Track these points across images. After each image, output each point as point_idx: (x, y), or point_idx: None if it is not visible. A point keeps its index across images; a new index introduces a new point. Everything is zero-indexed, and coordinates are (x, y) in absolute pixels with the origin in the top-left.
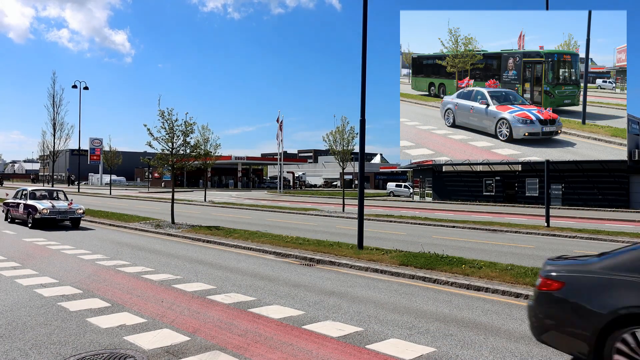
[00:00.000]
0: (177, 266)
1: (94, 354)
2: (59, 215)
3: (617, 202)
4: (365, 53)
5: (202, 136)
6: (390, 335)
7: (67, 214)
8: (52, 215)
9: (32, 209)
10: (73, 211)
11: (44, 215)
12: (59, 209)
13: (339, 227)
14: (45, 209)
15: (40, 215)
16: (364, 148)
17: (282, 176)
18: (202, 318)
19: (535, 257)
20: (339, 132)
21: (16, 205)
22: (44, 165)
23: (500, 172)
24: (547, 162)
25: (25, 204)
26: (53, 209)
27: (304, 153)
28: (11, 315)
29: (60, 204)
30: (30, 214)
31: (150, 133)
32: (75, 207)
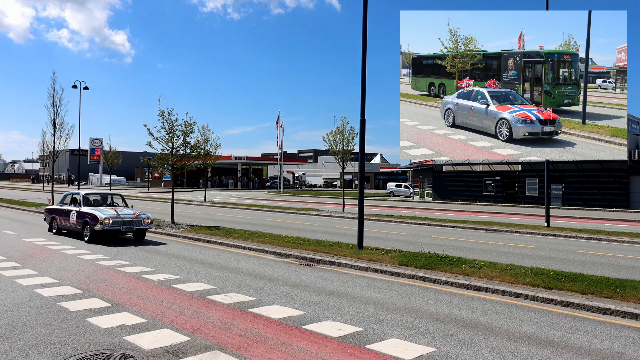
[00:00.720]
0: (177, 266)
1: (94, 354)
2: (123, 226)
3: (617, 202)
4: (365, 53)
5: (202, 136)
6: (390, 335)
7: (133, 225)
8: (115, 226)
9: (91, 219)
10: (140, 221)
11: (106, 227)
12: (123, 218)
13: (339, 227)
14: (108, 218)
15: (101, 226)
16: (364, 148)
17: (282, 176)
18: (202, 318)
19: (535, 257)
20: (339, 132)
21: (65, 213)
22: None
23: (500, 172)
24: (547, 162)
25: (80, 212)
26: (117, 218)
27: (304, 153)
28: (11, 315)
29: (124, 211)
30: (88, 224)
31: (150, 133)
32: (142, 216)
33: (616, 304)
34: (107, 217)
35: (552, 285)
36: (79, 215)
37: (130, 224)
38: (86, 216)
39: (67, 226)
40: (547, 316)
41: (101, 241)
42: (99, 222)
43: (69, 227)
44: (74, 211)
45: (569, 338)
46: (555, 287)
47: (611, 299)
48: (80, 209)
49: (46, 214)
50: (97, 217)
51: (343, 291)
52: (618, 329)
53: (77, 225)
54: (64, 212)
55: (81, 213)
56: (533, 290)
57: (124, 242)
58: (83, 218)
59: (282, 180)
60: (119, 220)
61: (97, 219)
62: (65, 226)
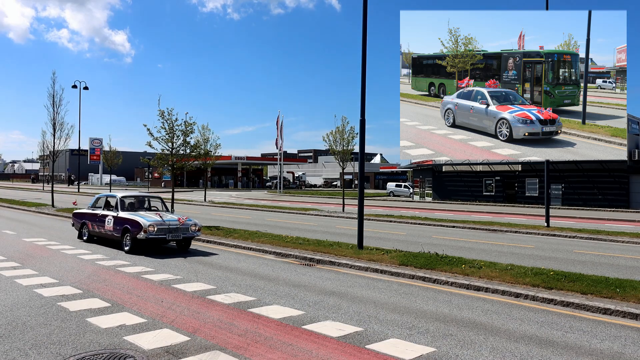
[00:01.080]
0: (177, 266)
1: (94, 354)
2: (169, 234)
3: (617, 202)
4: (365, 53)
5: (202, 136)
6: (390, 335)
7: (179, 232)
8: (160, 235)
9: (133, 226)
10: (187, 227)
11: (150, 235)
12: (169, 225)
13: (338, 227)
14: (153, 225)
15: (145, 234)
16: (364, 148)
17: (282, 176)
18: (202, 318)
19: (535, 257)
20: (339, 132)
21: (99, 219)
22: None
23: (500, 172)
24: (547, 162)
25: (118, 218)
26: (162, 224)
27: (304, 153)
28: (11, 315)
29: (169, 217)
30: (129, 232)
31: (150, 133)
32: (189, 223)
33: (616, 304)
34: (152, 223)
35: (552, 285)
36: (116, 222)
37: (177, 231)
38: (126, 223)
39: (102, 234)
40: (547, 316)
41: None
42: (142, 229)
43: (103, 234)
44: (110, 217)
45: (568, 338)
46: (555, 287)
47: (611, 299)
48: (118, 214)
49: (75, 219)
50: (140, 224)
51: (343, 291)
52: (618, 329)
53: (115, 232)
54: (97, 218)
55: (119, 219)
56: (533, 290)
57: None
58: (122, 225)
59: (282, 180)
60: (164, 227)
61: (140, 226)
62: (98, 233)
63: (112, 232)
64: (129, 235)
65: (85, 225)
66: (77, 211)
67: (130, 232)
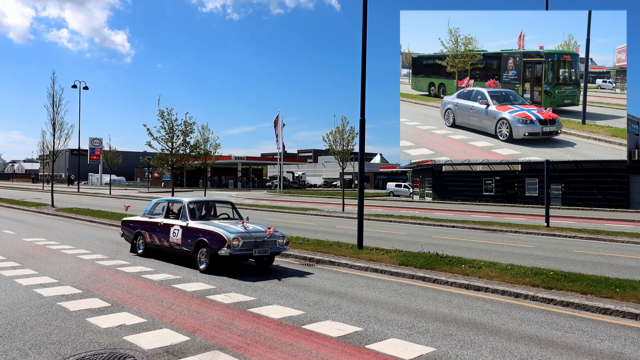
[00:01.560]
0: (177, 266)
1: (94, 353)
2: (256, 249)
3: (617, 202)
4: (365, 53)
5: (202, 136)
6: (390, 335)
7: (266, 246)
8: (246, 250)
9: (212, 239)
10: (274, 240)
11: (235, 250)
12: (255, 238)
13: (338, 227)
14: (238, 238)
15: (228, 250)
16: (364, 148)
17: (282, 176)
18: (201, 318)
19: (535, 257)
20: (338, 132)
21: (162, 229)
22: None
23: (500, 172)
24: (547, 162)
25: (189, 228)
26: (248, 237)
27: (304, 153)
28: (11, 315)
29: (252, 227)
30: (206, 246)
31: (150, 133)
32: (276, 234)
33: (616, 304)
34: (237, 236)
35: (552, 285)
36: (187, 233)
37: (264, 245)
38: (201, 235)
39: (164, 247)
40: (547, 316)
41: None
42: (225, 244)
43: (166, 248)
44: (176, 227)
45: (568, 338)
46: (555, 287)
47: (611, 299)
48: (188, 224)
49: (126, 228)
50: (221, 237)
51: (343, 291)
52: (618, 329)
53: (185, 246)
54: (158, 228)
55: (191, 230)
56: (533, 290)
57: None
58: (195, 237)
59: (282, 180)
60: (250, 240)
61: (221, 239)
62: (159, 246)
63: (179, 246)
64: (205, 250)
65: (140, 236)
66: (129, 218)
67: (207, 246)
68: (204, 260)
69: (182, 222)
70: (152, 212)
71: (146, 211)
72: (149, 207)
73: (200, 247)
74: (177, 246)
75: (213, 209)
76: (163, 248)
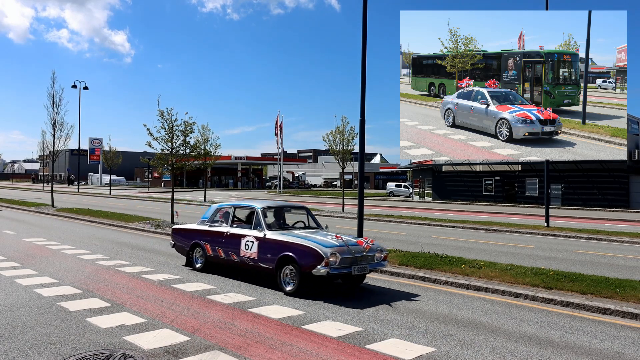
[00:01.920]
0: (177, 266)
1: (94, 354)
2: (355, 266)
3: (617, 202)
4: (365, 53)
5: (202, 136)
6: (390, 335)
7: (365, 262)
8: (344, 268)
9: (302, 254)
10: (372, 255)
11: (333, 270)
12: (354, 252)
13: (338, 227)
14: (335, 253)
15: (325, 268)
16: (364, 148)
17: (282, 176)
18: (201, 318)
19: (534, 257)
20: (338, 132)
21: (229, 241)
22: (44, 165)
23: (500, 172)
24: (547, 162)
25: (267, 241)
26: (346, 252)
27: (304, 153)
28: (11, 315)
29: (345, 238)
30: (292, 263)
31: (150, 133)
32: (376, 247)
33: (616, 304)
34: (334, 251)
35: (552, 285)
36: (265, 246)
37: (363, 261)
38: (286, 249)
39: (233, 262)
40: (547, 316)
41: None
42: (322, 261)
43: (235, 263)
44: (250, 238)
45: (568, 338)
46: (555, 287)
47: (611, 299)
48: (266, 235)
49: (179, 239)
50: (316, 253)
51: (343, 291)
52: (618, 329)
53: (263, 262)
54: (224, 239)
55: (271, 243)
56: (533, 290)
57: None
58: (278, 252)
59: (282, 180)
60: (348, 256)
61: (317, 255)
62: (227, 261)
63: (254, 262)
64: (292, 268)
65: (199, 248)
66: (183, 227)
67: (295, 263)
68: (291, 280)
69: (257, 232)
70: (213, 220)
71: (205, 218)
72: (208, 213)
73: (285, 264)
74: (250, 261)
75: (282, 213)
76: (230, 263)
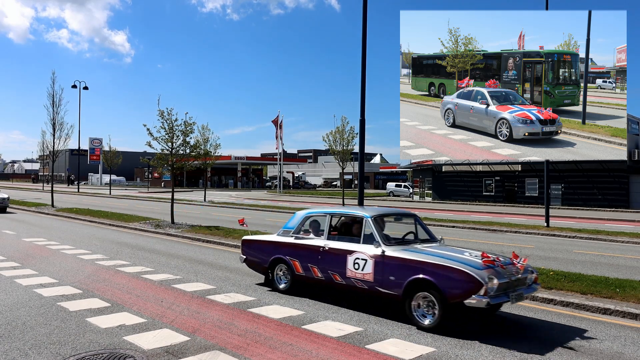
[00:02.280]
0: (177, 266)
1: (94, 354)
2: (512, 293)
3: (617, 202)
4: (365, 53)
5: (202, 136)
6: (390, 335)
7: (521, 287)
8: (501, 296)
9: (448, 279)
10: (525, 277)
11: (492, 299)
12: (509, 276)
13: None
14: (492, 277)
15: (482, 299)
16: (364, 148)
17: (282, 176)
18: (201, 318)
19: (535, 257)
20: (338, 132)
21: (328, 257)
22: (44, 165)
23: (500, 172)
24: (547, 162)
25: (388, 258)
26: (502, 275)
27: (304, 153)
28: (10, 315)
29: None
30: (432, 289)
31: (150, 133)
32: (528, 268)
33: (616, 304)
34: (490, 274)
35: (552, 285)
36: (385, 266)
37: (520, 286)
38: (420, 271)
39: (336, 283)
40: (547, 316)
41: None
42: (481, 288)
43: (339, 285)
44: (361, 255)
45: (568, 338)
46: (555, 287)
47: (611, 299)
48: (385, 252)
49: (254, 252)
50: (470, 277)
51: None
52: (618, 329)
53: (383, 286)
54: (320, 254)
55: (395, 262)
56: None
57: None
58: (407, 274)
59: (282, 180)
60: (504, 281)
61: (472, 281)
62: (325, 282)
63: (371, 285)
64: (431, 296)
65: (283, 265)
66: (258, 238)
67: (437, 290)
68: (427, 311)
69: (370, 248)
70: (301, 230)
71: (289, 228)
72: (293, 222)
73: (418, 291)
74: (362, 284)
75: (388, 225)
76: (331, 285)
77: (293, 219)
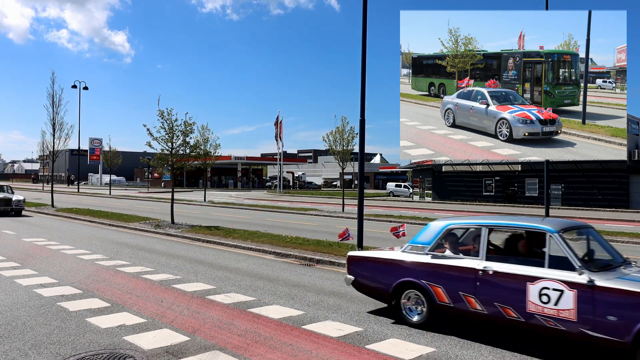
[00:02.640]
0: (177, 266)
1: (94, 354)
2: None
3: (617, 202)
4: (365, 53)
5: (202, 136)
6: (390, 335)
7: None
8: None
9: None
10: None
11: None
12: None
13: (338, 227)
14: None
15: None
16: (364, 148)
17: (282, 176)
18: (201, 318)
19: None
20: (338, 132)
21: (494, 284)
22: (44, 165)
23: (500, 172)
24: (547, 162)
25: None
26: None
27: (304, 153)
28: (10, 315)
29: None
30: None
31: (150, 133)
32: None
33: None
34: None
35: None
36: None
37: None
38: None
39: (506, 320)
40: None
41: None
42: None
43: (514, 322)
44: (551, 284)
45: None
46: None
47: None
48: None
49: (370, 273)
50: None
51: (343, 291)
52: None
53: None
54: (479, 280)
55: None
56: None
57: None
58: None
59: (282, 180)
60: None
61: None
62: (490, 318)
63: (574, 326)
64: None
65: (415, 292)
66: (375, 255)
67: None
68: None
69: (566, 274)
70: (439, 246)
71: (423, 243)
72: (428, 235)
73: None
74: (557, 324)
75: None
76: (500, 321)
77: (426, 232)
